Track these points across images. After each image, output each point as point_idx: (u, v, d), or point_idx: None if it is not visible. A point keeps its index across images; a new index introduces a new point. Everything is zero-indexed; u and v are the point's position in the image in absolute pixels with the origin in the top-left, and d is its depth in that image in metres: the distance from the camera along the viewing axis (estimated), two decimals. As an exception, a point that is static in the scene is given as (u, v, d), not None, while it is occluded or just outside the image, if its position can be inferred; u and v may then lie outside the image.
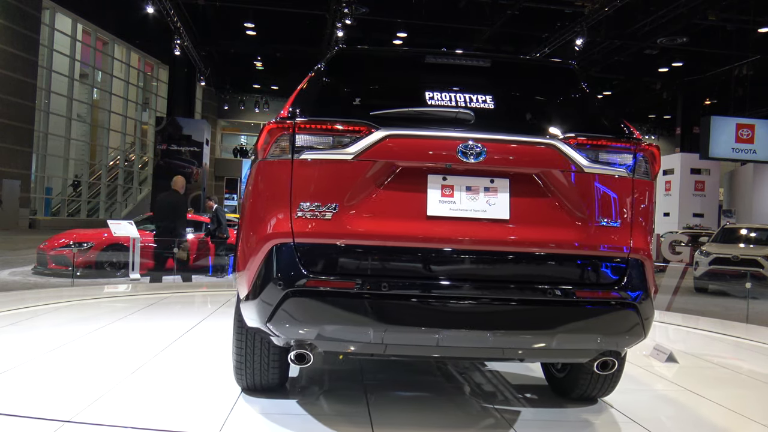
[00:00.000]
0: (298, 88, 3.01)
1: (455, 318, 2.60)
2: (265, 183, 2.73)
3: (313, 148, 2.63)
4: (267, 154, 2.70)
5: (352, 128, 2.62)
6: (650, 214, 2.85)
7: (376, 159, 2.60)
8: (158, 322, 5.72)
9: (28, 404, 3.11)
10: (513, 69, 3.34)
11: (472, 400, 3.62)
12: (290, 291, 2.53)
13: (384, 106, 2.74)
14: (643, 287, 2.71)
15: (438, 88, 2.83)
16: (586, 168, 2.68)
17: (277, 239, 2.61)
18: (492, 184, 2.67)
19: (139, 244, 10.01)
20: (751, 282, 8.37)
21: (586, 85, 3.13)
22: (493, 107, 2.81)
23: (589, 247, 2.70)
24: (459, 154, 2.60)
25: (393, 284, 2.54)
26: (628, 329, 2.71)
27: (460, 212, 2.63)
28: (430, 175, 2.65)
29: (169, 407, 3.18)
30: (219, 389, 3.49)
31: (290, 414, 3.14)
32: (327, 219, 2.59)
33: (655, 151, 2.84)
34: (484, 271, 2.65)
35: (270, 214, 2.67)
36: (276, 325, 2.61)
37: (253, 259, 2.69)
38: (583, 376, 3.37)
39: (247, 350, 3.18)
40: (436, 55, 3.08)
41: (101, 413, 3.01)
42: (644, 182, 2.79)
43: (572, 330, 2.66)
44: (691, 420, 3.48)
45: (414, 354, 3.01)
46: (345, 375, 4.00)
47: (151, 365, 4.00)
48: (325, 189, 2.61)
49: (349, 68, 3.13)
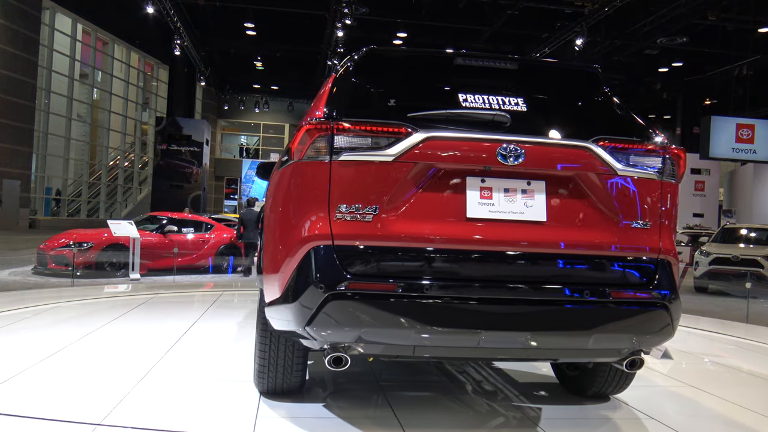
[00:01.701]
0: (327, 88, 2.95)
1: (496, 319, 2.63)
2: (301, 184, 2.69)
3: (352, 149, 2.61)
4: (303, 155, 2.66)
5: (391, 130, 2.61)
6: (675, 216, 2.93)
7: (416, 161, 2.61)
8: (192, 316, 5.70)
9: (49, 407, 3.09)
10: (540, 72, 3.37)
11: (489, 399, 3.64)
12: (332, 294, 2.51)
13: (419, 107, 2.75)
14: (672, 287, 2.77)
15: (469, 90, 2.85)
16: (619, 170, 2.75)
17: (315, 241, 2.59)
18: (529, 186, 2.71)
19: (139, 244, 10.03)
20: (751, 282, 8.37)
21: (608, 88, 3.20)
22: (525, 110, 2.84)
23: (623, 248, 2.75)
24: (498, 157, 2.63)
25: (435, 286, 2.55)
26: (660, 329, 2.77)
27: (499, 214, 2.66)
28: (468, 178, 2.67)
29: (194, 411, 3.16)
30: (236, 390, 3.48)
31: (319, 417, 3.13)
32: (367, 221, 2.58)
33: (682, 154, 2.91)
34: (524, 272, 2.68)
35: (306, 216, 2.63)
36: (316, 328, 2.57)
37: (288, 262, 2.66)
38: (600, 374, 3.46)
39: (270, 353, 3.16)
40: (465, 56, 3.10)
41: (128, 416, 2.99)
42: (671, 184, 2.86)
43: (608, 330, 2.71)
44: (709, 416, 3.57)
45: (451, 355, 3.05)
46: (356, 377, 3.98)
47: (166, 362, 4.00)
48: (365, 191, 2.60)
49: (380, 69, 3.10)
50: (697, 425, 3.41)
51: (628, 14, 19.43)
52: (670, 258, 2.83)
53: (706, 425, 3.43)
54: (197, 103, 34.24)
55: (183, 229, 11.73)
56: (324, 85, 3.10)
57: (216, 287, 9.40)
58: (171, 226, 11.49)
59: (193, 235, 11.83)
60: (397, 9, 21.32)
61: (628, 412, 3.47)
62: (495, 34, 22.45)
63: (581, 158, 2.71)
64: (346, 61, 3.11)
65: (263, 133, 42.36)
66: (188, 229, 11.86)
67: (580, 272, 2.72)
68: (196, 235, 11.86)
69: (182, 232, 11.65)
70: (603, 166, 2.72)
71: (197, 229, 12.06)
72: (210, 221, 12.77)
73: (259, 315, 3.17)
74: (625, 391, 3.63)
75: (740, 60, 22.92)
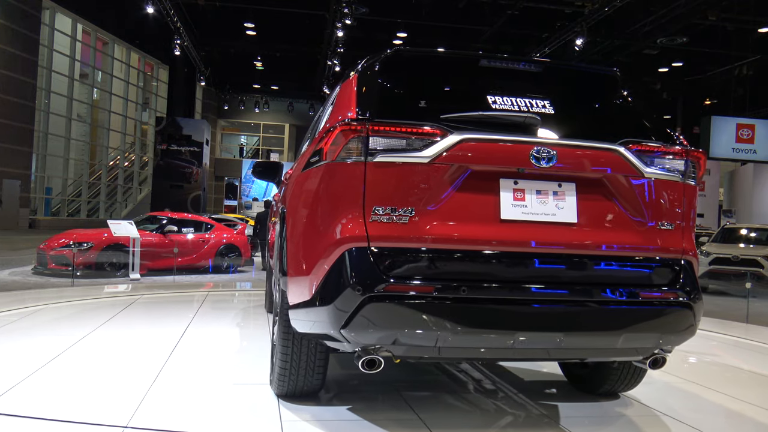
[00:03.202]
0: (352, 88, 2.94)
1: (531, 320, 2.65)
2: (335, 185, 2.67)
3: (388, 150, 2.60)
4: (337, 156, 2.64)
5: (427, 131, 2.62)
6: (695, 216, 3.00)
7: (451, 162, 2.62)
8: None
9: (69, 409, 3.08)
10: (564, 74, 3.40)
11: (504, 399, 3.66)
12: (370, 296, 2.50)
13: (449, 109, 2.76)
14: (696, 287, 2.84)
15: (497, 92, 2.87)
16: (645, 173, 2.80)
17: (350, 243, 2.57)
18: (560, 188, 2.74)
19: (139, 244, 10.03)
20: (751, 282, 8.37)
21: (626, 91, 3.24)
22: (552, 112, 2.87)
23: (650, 249, 2.80)
24: (532, 159, 2.66)
25: (472, 288, 2.56)
26: (686, 328, 2.82)
27: (532, 216, 2.69)
28: (502, 179, 2.69)
29: (216, 415, 3.12)
30: (251, 393, 3.46)
31: (345, 420, 3.11)
32: (403, 223, 2.58)
33: (702, 157, 2.96)
34: (557, 273, 2.71)
35: (340, 218, 2.61)
36: (352, 331, 2.56)
37: (320, 264, 2.64)
38: (614, 372, 3.52)
39: (293, 356, 3.14)
40: (492, 58, 3.12)
41: (151, 419, 2.97)
42: (692, 186, 2.93)
43: (637, 329, 2.75)
44: (722, 413, 3.62)
45: (482, 356, 3.12)
46: (366, 377, 3.97)
47: (173, 362, 4.00)
48: (400, 192, 2.59)
49: (407, 70, 3.10)
50: (716, 424, 3.44)
51: (628, 14, 19.43)
52: (692, 258, 2.89)
53: (724, 424, 3.47)
54: (197, 103, 34.26)
55: (183, 229, 11.74)
56: (345, 86, 3.07)
57: (216, 287, 9.41)
58: (171, 226, 11.50)
59: (193, 235, 11.84)
60: (397, 9, 21.32)
61: (644, 409, 3.52)
62: (495, 34, 22.47)
63: (610, 161, 2.76)
64: (369, 61, 3.09)
65: (263, 133, 42.36)
66: (188, 229, 11.86)
67: (611, 273, 2.76)
68: (196, 235, 11.87)
69: (182, 232, 11.65)
70: (630, 169, 2.78)
71: (197, 229, 12.07)
72: (210, 221, 12.79)
73: (281, 317, 3.15)
74: (632, 389, 3.70)
75: (740, 60, 22.93)
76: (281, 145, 41.73)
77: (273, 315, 3.69)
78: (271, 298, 6.28)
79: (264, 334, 5.23)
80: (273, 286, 3.72)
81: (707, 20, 19.12)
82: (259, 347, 4.70)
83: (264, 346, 4.68)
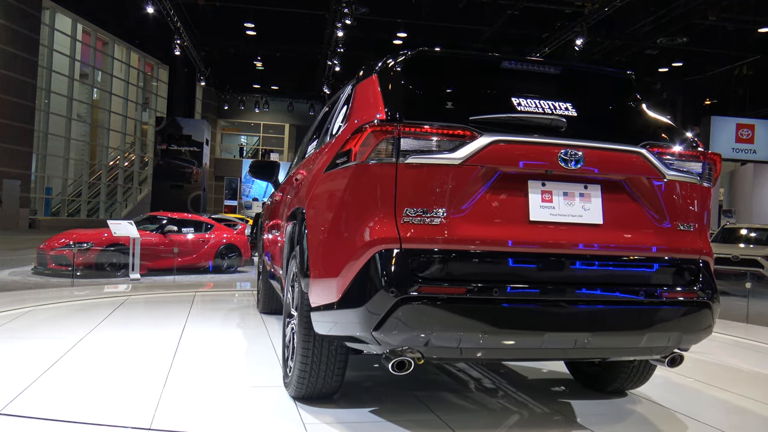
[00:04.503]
0: (375, 89, 2.93)
1: (561, 321, 2.68)
2: (364, 187, 2.65)
3: (419, 151, 2.60)
4: (367, 156, 2.63)
5: (458, 133, 2.63)
6: (710, 217, 3.06)
7: (482, 164, 2.63)
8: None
9: (88, 410, 3.06)
10: (584, 76, 3.43)
11: (516, 398, 3.66)
12: (403, 298, 2.49)
13: (475, 110, 2.75)
14: (713, 287, 2.89)
15: (521, 94, 2.89)
16: (667, 175, 2.85)
17: (381, 245, 2.56)
18: (586, 189, 2.78)
19: (139, 244, 10.03)
20: (751, 282, 8.37)
21: (639, 94, 3.29)
22: (575, 114, 2.89)
23: (672, 249, 2.86)
24: (560, 161, 2.69)
25: (504, 289, 2.58)
26: (705, 327, 2.88)
27: (560, 217, 2.72)
28: (530, 181, 2.72)
29: (236, 419, 3.08)
30: (265, 396, 3.43)
31: (368, 422, 3.09)
32: (435, 224, 2.58)
33: (717, 159, 3.02)
34: (585, 274, 2.75)
35: (369, 219, 2.60)
36: (385, 333, 2.55)
37: (349, 266, 2.63)
38: (624, 370, 3.56)
39: (313, 358, 3.11)
40: (514, 60, 3.15)
41: (172, 421, 2.94)
42: (708, 188, 2.99)
43: (660, 329, 2.80)
44: (727, 409, 3.67)
45: (508, 357, 3.13)
46: (377, 379, 3.94)
47: (179, 362, 4.00)
48: (432, 193, 2.59)
49: (431, 71, 3.10)
50: (731, 421, 3.47)
51: (628, 14, 19.43)
52: (709, 258, 2.95)
53: (740, 421, 3.50)
54: (197, 103, 34.26)
55: (183, 229, 11.74)
56: (366, 86, 3.06)
57: (216, 287, 9.41)
58: (171, 226, 11.50)
59: (193, 235, 11.84)
60: (397, 9, 21.32)
61: (655, 407, 3.57)
62: (495, 34, 22.47)
63: (634, 163, 2.81)
64: (389, 62, 3.09)
65: (263, 133, 42.37)
66: (188, 229, 11.87)
67: (637, 273, 2.82)
68: (196, 235, 11.87)
69: (182, 232, 11.65)
70: (653, 171, 2.83)
71: (197, 229, 12.07)
72: (210, 221, 12.79)
73: (301, 319, 3.12)
74: (640, 387, 3.75)
75: (740, 60, 22.94)
76: (281, 145, 41.75)
77: (284, 317, 3.65)
78: (265, 298, 6.22)
79: (262, 335, 5.22)
80: (285, 287, 3.69)
81: (707, 20, 19.12)
82: (263, 349, 4.69)
83: (266, 348, 4.67)
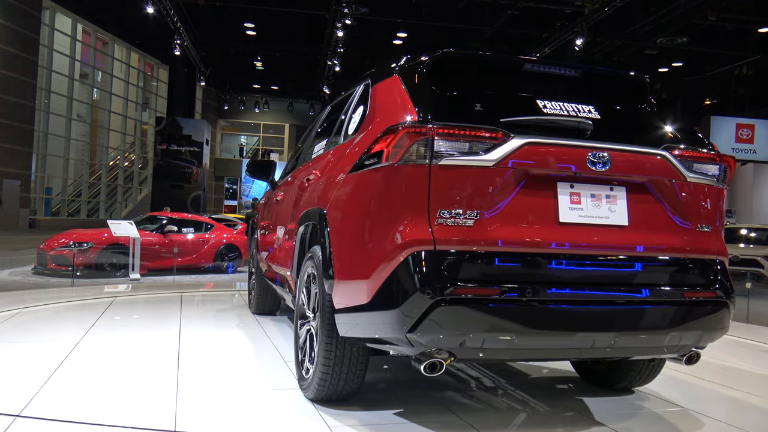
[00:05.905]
0: (400, 90, 2.95)
1: (591, 321, 2.72)
2: (397, 188, 2.65)
3: (452, 153, 2.61)
4: (400, 158, 2.63)
5: (491, 135, 2.64)
6: (723, 218, 3.12)
7: (514, 166, 2.66)
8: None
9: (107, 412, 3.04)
10: (606, 79, 3.47)
11: (528, 398, 3.66)
12: (438, 300, 2.49)
13: (504, 112, 2.78)
14: (730, 287, 2.95)
15: (546, 96, 2.93)
16: (688, 177, 2.92)
17: (415, 247, 2.55)
18: (612, 191, 2.83)
19: (139, 244, 10.03)
20: (751, 282, 8.37)
21: (653, 97, 3.37)
22: (599, 117, 2.93)
23: (694, 250, 2.92)
24: (588, 163, 2.74)
25: (537, 290, 2.61)
26: (723, 325, 2.95)
27: (587, 219, 2.76)
28: (559, 183, 2.75)
29: (260, 423, 3.05)
30: (283, 399, 3.40)
31: (393, 423, 3.08)
32: (469, 226, 2.59)
33: (732, 162, 3.09)
34: (613, 275, 2.80)
35: (403, 221, 2.60)
36: (420, 335, 2.55)
37: (381, 268, 2.62)
38: (633, 368, 3.62)
39: (336, 360, 3.11)
40: (536, 62, 3.21)
41: (196, 425, 2.92)
42: (723, 190, 3.05)
43: (683, 328, 2.86)
44: (738, 407, 3.71)
45: (535, 357, 3.17)
46: (387, 380, 3.92)
47: (186, 363, 3.99)
48: (465, 195, 2.61)
49: (457, 72, 3.12)
50: (746, 420, 3.49)
51: (628, 14, 19.43)
52: (725, 259, 3.02)
53: (755, 419, 3.55)
54: (197, 103, 34.27)
55: (183, 229, 11.74)
56: (387, 87, 3.08)
57: (216, 287, 9.41)
58: (171, 226, 11.50)
59: (193, 235, 11.85)
60: (397, 9, 21.32)
61: (665, 404, 3.62)
62: (495, 34, 22.46)
63: (658, 165, 2.88)
64: (412, 63, 3.10)
65: (263, 133, 42.37)
66: (188, 229, 11.87)
67: (662, 274, 2.87)
68: (196, 235, 11.88)
69: (182, 232, 11.66)
70: (676, 173, 2.90)
71: (197, 229, 12.08)
72: (210, 221, 12.79)
73: (323, 321, 3.11)
74: (646, 384, 3.80)
75: (740, 60, 22.94)
76: (281, 145, 41.74)
77: (296, 319, 3.63)
78: (258, 299, 6.13)
79: (261, 337, 5.21)
80: (296, 288, 3.68)
81: (707, 20, 19.11)
82: (267, 351, 4.69)
83: (269, 350, 4.67)
